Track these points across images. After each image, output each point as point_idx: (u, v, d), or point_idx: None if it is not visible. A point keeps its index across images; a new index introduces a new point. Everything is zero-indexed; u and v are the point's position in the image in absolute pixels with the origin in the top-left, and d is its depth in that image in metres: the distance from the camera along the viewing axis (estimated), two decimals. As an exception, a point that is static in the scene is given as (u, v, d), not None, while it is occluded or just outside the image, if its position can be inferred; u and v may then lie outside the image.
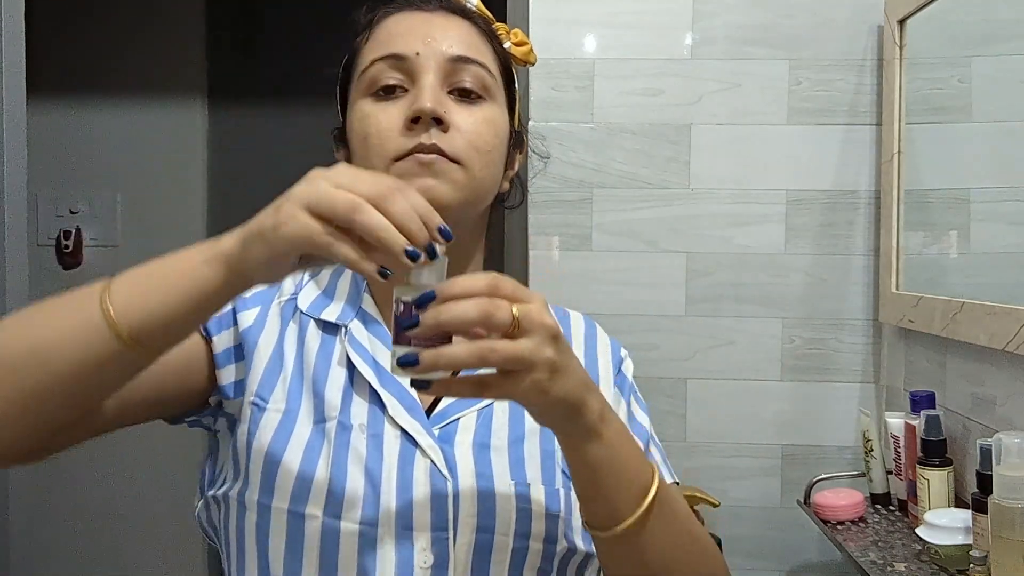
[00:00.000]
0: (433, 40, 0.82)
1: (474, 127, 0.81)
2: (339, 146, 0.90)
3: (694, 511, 1.60)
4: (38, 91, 2.06)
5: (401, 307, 0.63)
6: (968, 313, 1.34)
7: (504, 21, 0.90)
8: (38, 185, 2.45)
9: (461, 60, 0.82)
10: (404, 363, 0.62)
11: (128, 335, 0.64)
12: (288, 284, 0.87)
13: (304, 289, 0.87)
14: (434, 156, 0.79)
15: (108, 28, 2.63)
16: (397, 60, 0.81)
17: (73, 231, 2.64)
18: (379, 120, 0.81)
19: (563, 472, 0.82)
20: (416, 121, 0.79)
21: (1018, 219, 1.36)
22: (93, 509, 2.52)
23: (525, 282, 1.73)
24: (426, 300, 0.62)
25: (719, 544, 1.63)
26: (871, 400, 1.73)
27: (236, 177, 2.75)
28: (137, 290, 0.66)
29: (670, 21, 1.74)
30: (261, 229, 0.65)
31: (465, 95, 0.82)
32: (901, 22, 1.62)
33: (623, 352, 0.95)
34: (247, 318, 0.83)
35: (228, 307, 0.82)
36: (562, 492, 0.81)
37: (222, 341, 0.82)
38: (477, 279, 0.64)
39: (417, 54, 0.81)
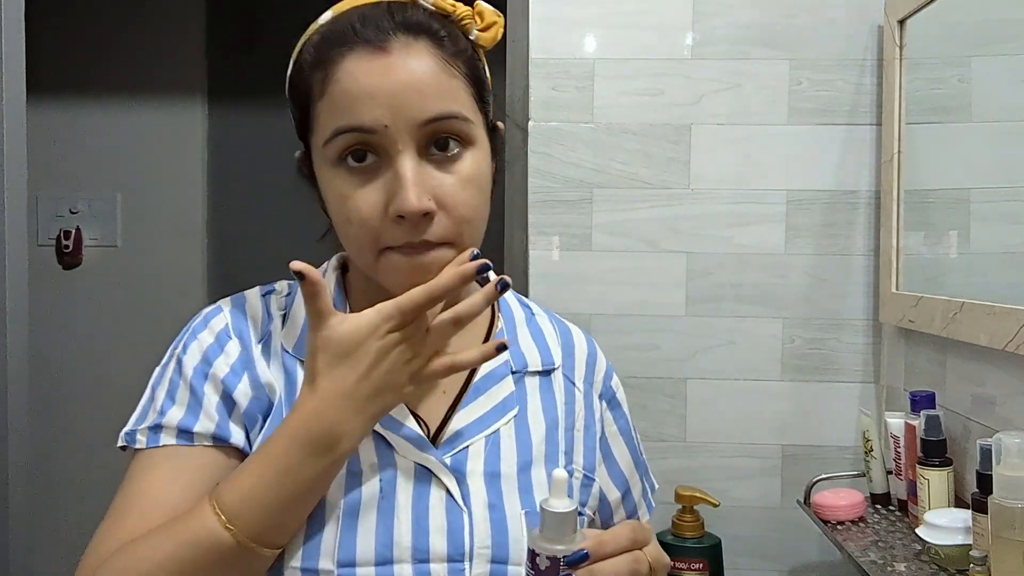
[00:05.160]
0: (400, 104, 0.74)
1: (461, 197, 0.76)
2: (308, 183, 0.83)
3: (694, 511, 1.61)
4: (38, 91, 2.06)
5: (547, 562, 0.67)
6: (968, 313, 1.34)
7: (504, 21, 0.85)
8: (38, 185, 2.45)
9: (435, 120, 0.75)
10: None
11: (278, 548, 0.73)
12: (262, 320, 0.84)
13: (287, 326, 0.83)
14: (423, 251, 0.76)
15: (108, 28, 2.63)
16: (364, 133, 0.74)
17: (73, 231, 2.64)
18: (359, 207, 0.75)
19: (568, 497, 0.83)
20: (402, 216, 0.74)
21: (1018, 219, 1.36)
22: (94, 509, 2.52)
23: (525, 282, 1.73)
24: (579, 560, 0.67)
25: (719, 544, 1.63)
26: (871, 400, 1.73)
27: (236, 177, 2.75)
28: (283, 525, 0.72)
29: (670, 21, 1.74)
30: (379, 411, 0.73)
31: (443, 147, 0.76)
32: (901, 22, 1.62)
33: (614, 382, 0.96)
34: (224, 364, 0.81)
35: (188, 373, 0.80)
36: None
37: (210, 423, 0.79)
38: (621, 535, 0.70)
39: (386, 127, 0.74)
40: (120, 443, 0.81)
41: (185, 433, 0.78)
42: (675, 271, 1.75)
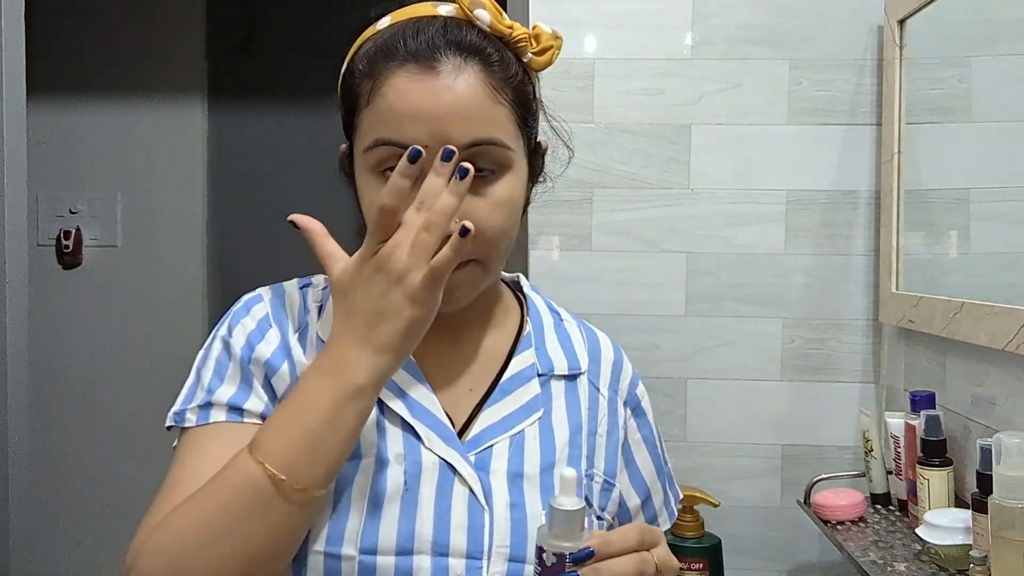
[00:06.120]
0: (442, 127, 0.75)
1: (489, 221, 0.78)
2: (348, 180, 0.85)
3: (694, 511, 1.61)
4: (38, 91, 2.06)
5: (554, 559, 0.68)
6: (968, 313, 1.34)
7: (562, 43, 0.84)
8: (38, 185, 2.45)
9: (475, 146, 0.76)
10: None
11: (320, 491, 0.72)
12: (299, 311, 0.85)
13: (323, 317, 0.85)
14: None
15: (108, 28, 2.63)
16: (403, 149, 0.74)
17: (73, 231, 2.64)
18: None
19: (585, 499, 0.84)
20: None
21: (1018, 219, 1.36)
22: (94, 509, 2.52)
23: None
24: (585, 557, 0.68)
25: (719, 544, 1.63)
26: (871, 400, 1.73)
27: (236, 177, 2.75)
28: (308, 460, 0.71)
29: (670, 21, 1.74)
30: (387, 340, 0.71)
31: (479, 169, 0.76)
32: (901, 22, 1.62)
33: (640, 390, 0.97)
34: (266, 349, 0.82)
35: (236, 353, 0.82)
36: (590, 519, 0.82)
37: (259, 402, 0.81)
38: (629, 535, 0.71)
39: (426, 147, 0.73)
40: (168, 423, 0.82)
41: (236, 410, 0.80)
42: (675, 271, 1.75)
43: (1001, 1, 1.44)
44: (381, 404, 0.81)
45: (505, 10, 0.83)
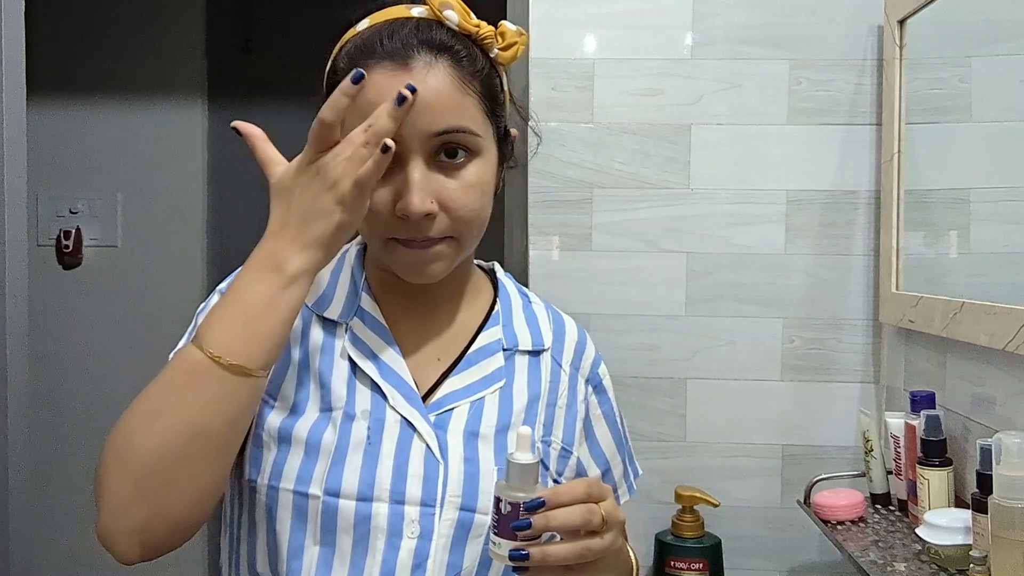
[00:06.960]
0: (414, 118, 0.81)
1: (462, 201, 0.85)
2: None
3: (694, 511, 1.61)
4: (38, 91, 2.06)
5: (509, 507, 0.76)
6: (968, 313, 1.34)
7: (528, 38, 0.91)
8: (38, 185, 2.45)
9: (445, 133, 0.84)
10: (516, 558, 0.75)
11: (258, 372, 0.78)
12: None
13: (312, 285, 0.90)
14: (425, 247, 0.86)
15: (108, 28, 2.64)
16: None
17: (73, 231, 2.65)
18: (372, 201, 0.83)
19: (541, 462, 0.90)
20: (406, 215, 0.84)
21: (1018, 219, 1.36)
22: (94, 509, 2.52)
23: (525, 282, 1.73)
24: (537, 506, 0.75)
25: (719, 544, 1.63)
26: (871, 400, 1.73)
27: (236, 177, 2.75)
28: (244, 340, 0.77)
29: (670, 21, 1.74)
30: (316, 237, 0.78)
31: (451, 155, 0.85)
32: (901, 22, 1.62)
33: (601, 370, 1.04)
34: None
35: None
36: None
37: None
38: (577, 488, 0.77)
39: (401, 135, 0.81)
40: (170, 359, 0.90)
41: None
42: (675, 271, 1.75)
43: (1001, 1, 1.44)
44: (354, 365, 0.89)
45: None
